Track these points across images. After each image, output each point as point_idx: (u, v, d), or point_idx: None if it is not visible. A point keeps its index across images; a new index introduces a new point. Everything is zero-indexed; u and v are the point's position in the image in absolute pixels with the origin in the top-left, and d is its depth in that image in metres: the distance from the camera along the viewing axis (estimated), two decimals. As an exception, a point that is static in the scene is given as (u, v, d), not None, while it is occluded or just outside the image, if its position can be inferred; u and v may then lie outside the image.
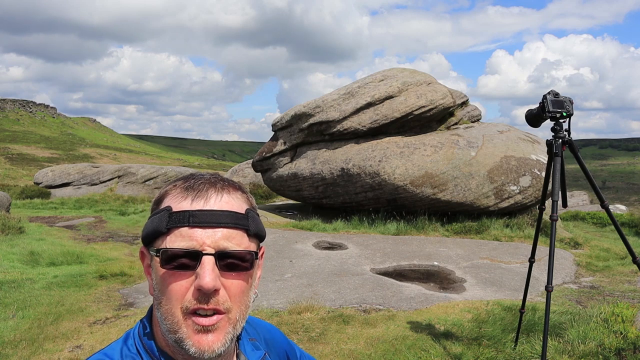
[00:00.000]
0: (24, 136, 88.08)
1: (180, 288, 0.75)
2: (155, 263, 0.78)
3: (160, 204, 0.81)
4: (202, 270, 0.74)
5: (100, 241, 9.46)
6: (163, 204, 0.81)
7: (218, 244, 0.76)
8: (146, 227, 0.81)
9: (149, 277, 0.83)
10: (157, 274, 0.78)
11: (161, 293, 0.77)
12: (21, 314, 4.78)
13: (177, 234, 0.76)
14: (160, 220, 0.77)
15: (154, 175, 22.32)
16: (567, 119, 2.98)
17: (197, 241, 0.75)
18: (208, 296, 0.75)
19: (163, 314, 0.77)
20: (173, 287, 0.76)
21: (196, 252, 0.75)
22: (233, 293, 0.78)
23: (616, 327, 3.47)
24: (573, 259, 7.39)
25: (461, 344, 3.77)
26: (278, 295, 5.24)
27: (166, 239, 0.76)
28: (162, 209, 0.79)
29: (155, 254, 0.77)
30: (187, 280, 0.75)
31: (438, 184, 9.03)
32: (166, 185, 0.85)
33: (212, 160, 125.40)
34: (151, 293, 0.82)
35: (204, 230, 0.76)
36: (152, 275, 0.81)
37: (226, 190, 0.80)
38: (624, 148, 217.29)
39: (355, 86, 10.79)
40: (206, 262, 0.75)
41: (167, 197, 0.81)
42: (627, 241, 2.97)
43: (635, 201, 67.78)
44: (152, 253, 0.79)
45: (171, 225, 0.76)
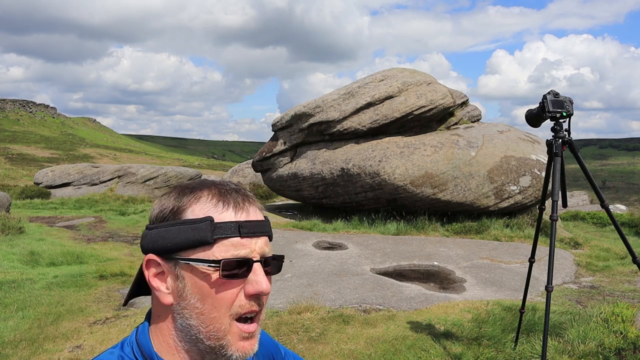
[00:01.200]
0: (24, 136, 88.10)
1: (232, 295, 0.79)
2: (195, 272, 0.79)
3: (183, 214, 0.80)
4: (257, 276, 0.79)
5: (100, 241, 9.46)
6: (190, 213, 0.80)
7: (262, 251, 0.82)
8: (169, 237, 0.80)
9: (162, 285, 0.81)
10: (199, 283, 0.79)
11: (204, 302, 0.79)
12: (21, 314, 4.78)
13: (227, 244, 0.79)
14: (203, 231, 0.78)
15: (154, 176, 22.32)
16: (567, 119, 2.98)
17: (249, 249, 0.80)
18: (260, 300, 0.81)
19: (205, 322, 0.79)
20: (225, 295, 0.79)
21: (248, 260, 0.79)
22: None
23: (616, 327, 3.47)
24: (573, 259, 7.39)
25: (461, 344, 3.77)
26: (278, 295, 5.24)
27: (213, 249, 0.78)
28: (202, 219, 0.79)
29: (208, 265, 0.78)
30: (237, 287, 0.79)
31: (438, 184, 9.03)
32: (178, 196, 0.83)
33: (212, 160, 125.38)
34: (168, 302, 0.81)
35: (251, 239, 0.80)
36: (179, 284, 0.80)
37: (254, 201, 0.86)
38: (624, 148, 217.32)
39: (355, 86, 10.79)
40: (258, 268, 0.80)
41: (194, 207, 0.80)
42: (627, 241, 2.97)
43: (635, 201, 67.79)
44: (196, 263, 0.79)
45: (219, 236, 0.78)
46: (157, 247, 0.81)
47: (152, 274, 0.82)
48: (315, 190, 10.83)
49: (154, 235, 0.81)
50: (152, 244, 0.81)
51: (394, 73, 11.15)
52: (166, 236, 0.80)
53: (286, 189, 11.75)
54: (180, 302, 0.80)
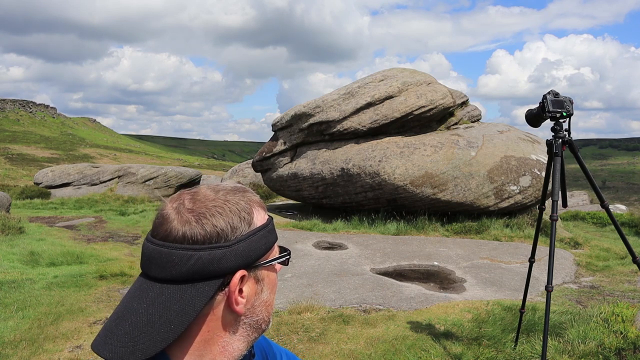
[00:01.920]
0: (24, 136, 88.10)
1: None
2: (270, 271, 0.84)
3: (253, 223, 0.80)
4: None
5: (100, 241, 9.46)
6: (257, 222, 0.82)
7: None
8: (258, 246, 0.78)
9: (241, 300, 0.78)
10: (274, 278, 0.86)
11: (272, 293, 0.85)
12: (21, 314, 4.78)
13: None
14: (274, 232, 0.85)
15: (154, 176, 22.32)
16: (567, 118, 2.98)
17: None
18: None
19: (269, 310, 0.85)
20: (277, 279, 0.88)
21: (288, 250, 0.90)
22: None
23: (616, 327, 3.47)
24: (573, 259, 7.39)
25: (461, 344, 3.77)
26: (278, 295, 5.24)
27: (274, 247, 0.85)
28: (268, 222, 0.85)
29: (287, 257, 0.88)
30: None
31: (438, 184, 9.03)
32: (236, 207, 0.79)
33: (212, 160, 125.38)
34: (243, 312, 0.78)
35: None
36: (257, 288, 0.81)
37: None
38: (624, 148, 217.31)
39: (355, 86, 10.79)
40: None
41: (256, 215, 0.83)
42: (627, 241, 2.97)
43: (635, 201, 67.78)
44: (275, 262, 0.85)
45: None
46: (246, 260, 0.77)
47: (238, 291, 0.77)
48: (315, 190, 10.83)
49: (240, 251, 0.75)
50: (239, 259, 0.76)
51: (394, 73, 11.15)
52: (253, 247, 0.78)
53: (286, 189, 11.75)
54: (254, 303, 0.81)
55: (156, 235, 0.75)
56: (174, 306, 0.71)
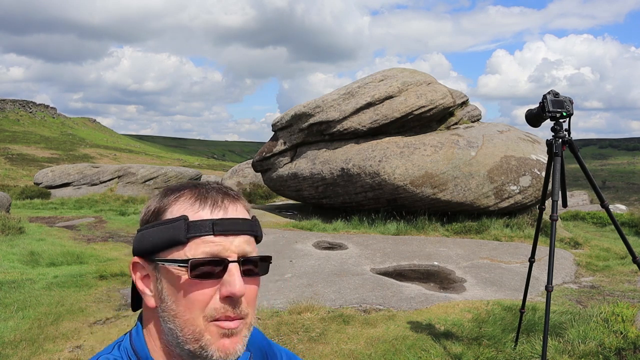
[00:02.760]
0: (24, 136, 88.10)
1: (204, 296, 0.75)
2: (169, 273, 0.77)
3: (164, 215, 0.79)
4: (232, 277, 0.75)
5: (100, 241, 9.46)
6: (169, 214, 0.79)
7: (241, 250, 0.77)
8: (148, 238, 0.79)
9: (146, 289, 0.80)
10: (173, 284, 0.76)
11: (177, 304, 0.76)
12: (21, 314, 4.78)
13: (199, 242, 0.75)
14: (177, 230, 0.76)
15: (154, 176, 22.32)
16: (567, 118, 2.98)
17: (222, 248, 0.76)
18: (235, 302, 0.76)
19: (180, 324, 0.76)
20: (196, 296, 0.75)
21: (222, 260, 0.75)
22: (250, 297, 0.79)
23: (616, 327, 3.47)
24: (573, 259, 7.39)
25: (461, 344, 3.77)
26: (278, 295, 5.24)
27: (185, 249, 0.76)
28: (176, 218, 0.77)
29: (178, 264, 0.76)
30: (210, 288, 0.75)
31: (438, 184, 9.03)
32: (164, 195, 0.82)
33: (212, 160, 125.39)
34: (152, 305, 0.79)
35: (227, 237, 0.77)
36: (158, 285, 0.79)
37: (236, 199, 0.82)
38: (624, 148, 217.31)
39: (355, 86, 10.79)
40: (233, 268, 0.76)
41: (174, 207, 0.79)
42: (627, 241, 2.97)
43: (635, 201, 67.78)
44: (168, 263, 0.76)
45: (192, 235, 0.76)
46: (141, 249, 0.80)
47: (138, 277, 0.81)
48: (315, 190, 10.83)
49: (139, 238, 0.80)
50: (137, 246, 0.80)
51: (394, 73, 11.15)
52: (148, 238, 0.79)
53: (286, 189, 11.75)
54: (161, 304, 0.78)
55: None
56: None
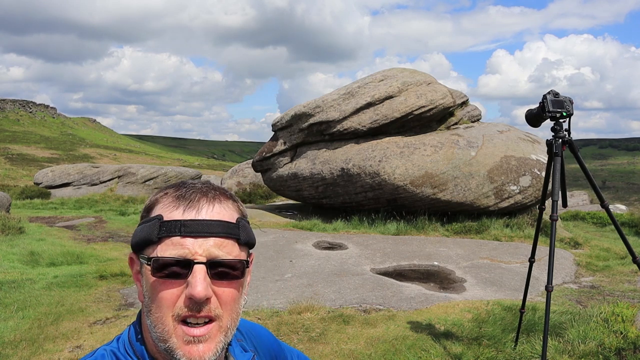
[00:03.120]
0: (24, 136, 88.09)
1: (172, 296, 0.76)
2: (145, 270, 0.79)
3: (151, 212, 0.82)
4: (194, 279, 0.75)
5: (100, 241, 9.46)
6: (154, 212, 0.81)
7: (209, 253, 0.77)
8: (136, 235, 0.82)
9: (138, 284, 0.84)
10: (148, 281, 0.78)
11: (151, 301, 0.78)
12: (21, 314, 4.78)
13: (169, 242, 0.76)
14: (151, 229, 0.78)
15: (154, 176, 22.32)
16: (567, 118, 2.98)
17: (189, 250, 0.76)
18: (199, 304, 0.76)
19: (153, 321, 0.77)
20: (164, 295, 0.76)
21: (187, 261, 0.76)
22: (224, 301, 0.79)
23: (616, 327, 3.47)
24: (573, 259, 7.39)
25: (461, 344, 3.77)
26: (278, 295, 5.24)
27: (157, 248, 0.77)
28: (153, 217, 0.79)
29: (147, 262, 0.77)
30: (178, 288, 0.76)
31: (438, 184, 9.03)
32: (156, 192, 0.85)
33: (212, 160, 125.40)
34: (141, 299, 0.83)
35: (195, 239, 0.77)
36: (142, 282, 0.81)
37: (217, 199, 0.81)
38: (624, 148, 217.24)
39: (355, 86, 10.79)
40: (197, 270, 0.76)
41: (157, 206, 0.82)
42: (627, 241, 2.97)
43: (635, 201, 67.78)
44: (143, 261, 0.79)
45: (162, 235, 0.77)
46: (132, 244, 0.83)
47: (134, 271, 0.85)
48: (315, 190, 10.83)
49: (133, 233, 0.84)
50: (131, 241, 0.84)
51: (394, 73, 11.15)
52: (136, 234, 0.82)
53: (286, 189, 11.75)
54: (144, 300, 0.81)
55: None
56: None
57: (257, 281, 5.77)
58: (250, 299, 5.10)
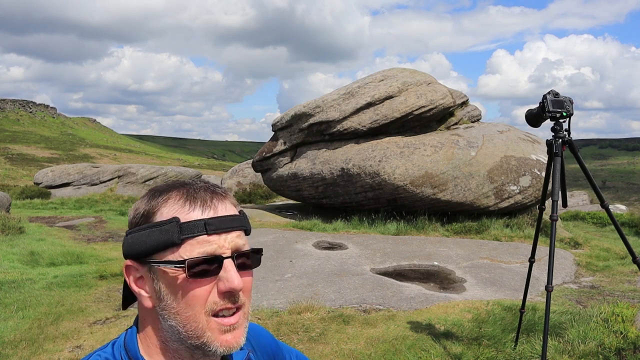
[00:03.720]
0: (24, 136, 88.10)
1: (204, 293, 0.79)
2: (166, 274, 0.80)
3: (154, 217, 0.81)
4: (228, 273, 0.79)
5: (100, 241, 9.46)
6: (159, 216, 0.81)
7: (234, 246, 0.81)
8: (141, 241, 0.80)
9: (142, 291, 0.83)
10: (172, 284, 0.79)
11: (178, 302, 0.79)
12: (21, 314, 4.78)
13: (194, 243, 0.79)
14: (170, 233, 0.79)
15: (154, 176, 22.32)
16: (567, 118, 2.98)
17: (217, 246, 0.79)
18: (234, 296, 0.80)
19: (182, 321, 0.79)
20: (196, 294, 0.79)
21: (218, 257, 0.79)
22: (246, 289, 0.83)
23: (616, 327, 3.47)
24: (573, 259, 7.39)
25: (461, 344, 3.77)
26: (278, 295, 5.24)
27: (180, 250, 0.79)
28: (168, 221, 0.79)
29: (174, 266, 0.79)
30: (209, 285, 0.79)
31: (438, 184, 9.03)
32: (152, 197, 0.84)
33: (212, 160, 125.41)
34: (148, 305, 0.82)
35: (220, 235, 0.80)
36: (155, 286, 0.81)
37: (224, 196, 0.85)
38: (624, 148, 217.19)
39: (355, 86, 10.79)
40: (229, 265, 0.80)
41: (164, 209, 0.81)
42: (627, 241, 2.97)
43: (635, 201, 67.77)
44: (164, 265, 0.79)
45: (186, 236, 0.79)
46: (133, 252, 0.82)
47: (132, 279, 0.84)
48: (315, 190, 10.83)
49: (130, 241, 0.82)
50: (128, 249, 0.82)
51: (394, 73, 11.15)
52: (139, 241, 0.81)
53: (286, 189, 11.75)
54: (160, 303, 0.81)
55: None
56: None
57: (257, 281, 5.77)
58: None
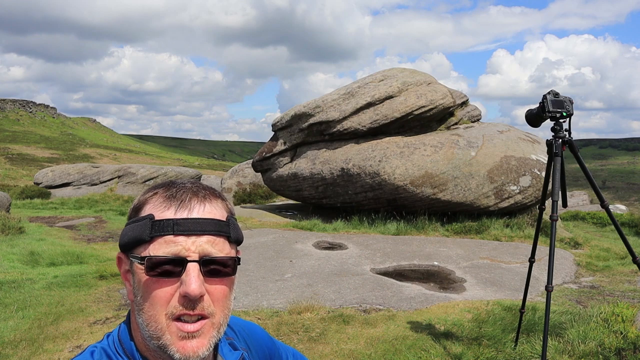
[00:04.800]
0: (24, 136, 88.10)
1: (165, 294, 0.77)
2: (137, 269, 0.79)
3: (140, 212, 0.82)
4: (188, 277, 0.76)
5: (100, 241, 9.46)
6: (143, 211, 0.81)
7: (202, 250, 0.78)
8: (125, 234, 0.82)
9: (127, 283, 0.84)
10: (140, 280, 0.79)
11: (144, 300, 0.78)
12: (21, 314, 4.78)
13: (161, 241, 0.77)
14: (143, 229, 0.78)
15: (154, 176, 22.32)
16: (567, 118, 2.98)
17: (182, 247, 0.77)
18: (194, 302, 0.77)
19: (145, 320, 0.78)
20: (157, 294, 0.77)
21: (181, 259, 0.76)
22: (216, 298, 0.80)
23: (616, 327, 3.47)
24: (573, 259, 7.39)
25: (461, 344, 3.77)
26: (278, 295, 5.24)
27: (149, 247, 0.78)
28: (144, 217, 0.79)
29: (139, 262, 0.78)
30: (171, 287, 0.77)
31: (438, 184, 9.03)
32: (144, 192, 0.85)
33: (212, 160, 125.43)
34: (130, 299, 0.83)
35: (188, 237, 0.77)
36: (132, 281, 0.82)
37: (208, 199, 0.82)
38: (624, 148, 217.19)
39: (355, 86, 10.79)
40: (191, 268, 0.76)
41: (147, 205, 0.82)
42: (627, 241, 2.97)
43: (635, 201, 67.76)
44: (135, 260, 0.79)
45: (154, 234, 0.77)
46: (121, 244, 0.83)
47: (122, 271, 0.86)
48: (315, 190, 10.83)
49: (121, 233, 0.84)
50: (119, 241, 0.83)
51: (394, 73, 11.15)
52: (124, 233, 0.82)
53: (286, 189, 11.75)
54: (135, 299, 0.81)
55: None
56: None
57: (257, 281, 5.78)
58: (250, 299, 5.11)
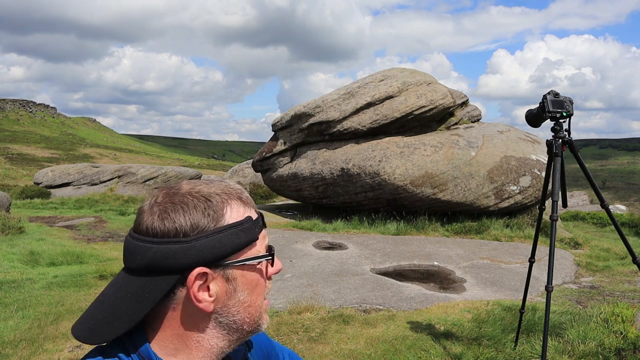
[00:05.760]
0: (24, 136, 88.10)
1: (264, 280, 0.87)
2: (242, 271, 0.81)
3: (223, 220, 0.79)
4: (276, 259, 0.89)
5: (100, 241, 9.46)
6: (226, 219, 0.79)
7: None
8: (224, 244, 0.77)
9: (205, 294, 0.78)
10: (252, 278, 0.84)
11: (251, 294, 0.84)
12: (21, 313, 4.78)
13: (261, 237, 0.85)
14: (250, 231, 0.82)
15: (154, 175, 22.31)
16: (567, 119, 2.98)
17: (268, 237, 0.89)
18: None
19: (251, 312, 0.84)
20: (261, 282, 0.86)
21: (271, 247, 0.89)
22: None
23: (616, 327, 3.47)
24: (573, 259, 7.39)
25: (461, 344, 3.77)
26: (278, 295, 5.24)
27: (257, 244, 0.84)
28: (245, 220, 0.81)
29: (266, 259, 0.85)
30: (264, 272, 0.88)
31: (438, 184, 9.03)
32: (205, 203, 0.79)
33: (212, 160, 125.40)
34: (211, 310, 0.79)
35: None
36: (229, 287, 0.80)
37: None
38: (624, 148, 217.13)
39: (355, 86, 10.79)
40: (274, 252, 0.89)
41: (231, 212, 0.80)
42: (627, 241, 2.97)
43: (635, 201, 67.75)
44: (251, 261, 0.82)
45: (259, 231, 0.85)
46: (207, 258, 0.77)
47: (197, 287, 0.77)
48: (315, 190, 10.83)
49: (199, 248, 0.76)
50: (198, 256, 0.76)
51: (394, 73, 11.15)
52: (217, 245, 0.77)
53: (286, 189, 11.75)
54: (227, 302, 0.80)
55: (133, 228, 0.80)
56: (132, 295, 0.76)
57: (257, 281, 5.77)
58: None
